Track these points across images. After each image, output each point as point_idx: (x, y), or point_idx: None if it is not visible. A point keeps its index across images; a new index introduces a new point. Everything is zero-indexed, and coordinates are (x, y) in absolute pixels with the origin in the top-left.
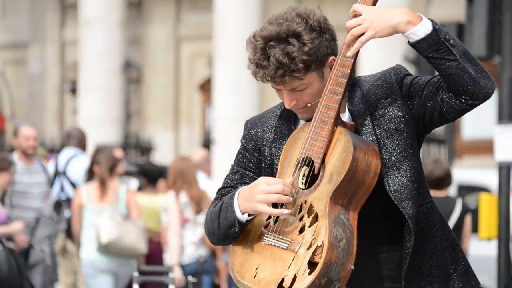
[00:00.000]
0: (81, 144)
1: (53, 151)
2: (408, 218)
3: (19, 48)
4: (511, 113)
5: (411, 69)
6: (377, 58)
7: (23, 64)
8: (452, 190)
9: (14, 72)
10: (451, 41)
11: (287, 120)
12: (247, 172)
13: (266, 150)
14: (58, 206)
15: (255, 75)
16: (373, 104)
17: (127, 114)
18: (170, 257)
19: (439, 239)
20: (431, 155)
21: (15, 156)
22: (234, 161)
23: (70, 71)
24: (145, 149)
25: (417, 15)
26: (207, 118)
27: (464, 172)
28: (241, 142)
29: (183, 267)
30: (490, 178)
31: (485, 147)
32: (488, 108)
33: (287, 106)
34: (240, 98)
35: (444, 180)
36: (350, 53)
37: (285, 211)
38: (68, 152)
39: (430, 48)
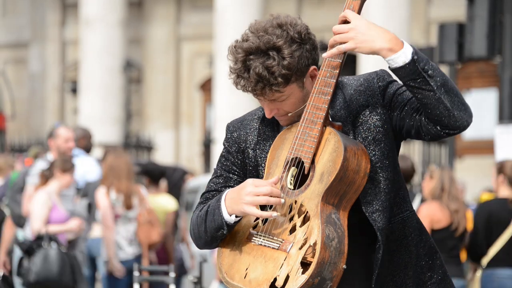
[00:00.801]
0: (83, 143)
1: None
2: (377, 230)
3: (19, 48)
4: (511, 113)
5: None
6: (379, 57)
7: (23, 64)
8: None
9: (15, 72)
10: (430, 72)
11: (270, 122)
12: (231, 175)
13: (250, 152)
14: (90, 207)
15: (236, 84)
16: (354, 111)
17: (127, 113)
18: (106, 251)
19: (414, 248)
20: (431, 156)
21: (51, 157)
22: (217, 165)
23: (71, 71)
24: (146, 148)
25: (400, 42)
26: (208, 118)
27: None
28: (224, 145)
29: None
30: None
31: (485, 147)
32: (489, 108)
33: (267, 116)
34: (240, 98)
35: (409, 175)
36: (326, 54)
37: (274, 213)
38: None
39: (407, 77)
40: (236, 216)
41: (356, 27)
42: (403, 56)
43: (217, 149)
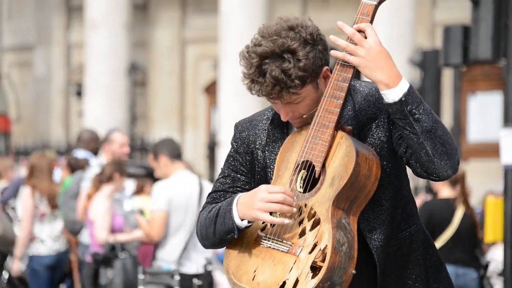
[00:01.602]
0: (92, 146)
1: (59, 154)
2: (372, 249)
3: (24, 51)
4: None
5: (416, 72)
6: None
7: (28, 67)
8: None
9: (20, 75)
10: (416, 116)
11: (279, 124)
12: (238, 175)
13: (259, 154)
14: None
15: (250, 89)
16: (361, 122)
17: (132, 116)
18: (16, 249)
19: (423, 261)
20: None
21: (104, 161)
22: (225, 165)
23: (76, 74)
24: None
25: (398, 80)
26: (212, 121)
27: None
28: (232, 145)
29: (40, 257)
30: None
31: (490, 150)
32: (494, 111)
33: (283, 119)
34: (245, 100)
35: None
36: (333, 53)
37: (286, 220)
38: (78, 154)
39: (394, 114)
40: (248, 221)
41: (369, 49)
42: (394, 94)
43: (222, 152)
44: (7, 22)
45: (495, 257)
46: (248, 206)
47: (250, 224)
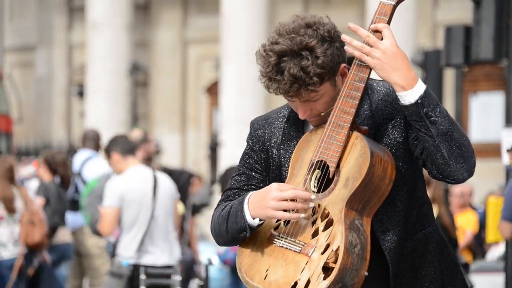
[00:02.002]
0: (97, 145)
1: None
2: (385, 250)
3: (26, 51)
4: None
5: (417, 72)
6: None
7: (30, 67)
8: None
9: (22, 75)
10: (432, 118)
11: (295, 122)
12: (253, 173)
13: (274, 152)
14: None
15: (267, 88)
16: (378, 122)
17: (134, 117)
18: None
19: (438, 263)
20: None
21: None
22: (240, 162)
23: (77, 74)
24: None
25: (415, 82)
26: (214, 121)
27: None
28: (247, 142)
29: (4, 261)
30: None
31: (492, 150)
32: (495, 111)
33: (301, 117)
34: (247, 100)
35: None
36: (348, 49)
37: (301, 214)
38: (84, 154)
39: (410, 117)
40: (260, 220)
41: (385, 51)
42: (410, 96)
43: (224, 152)
44: (9, 22)
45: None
46: (261, 205)
47: (262, 222)
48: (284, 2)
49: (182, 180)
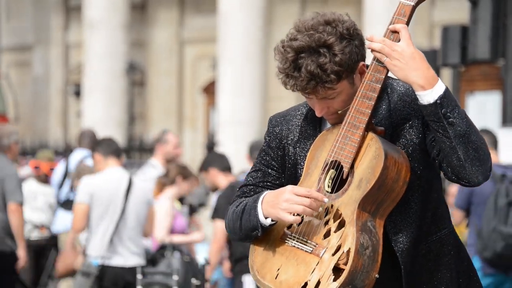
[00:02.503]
0: (91, 145)
1: (57, 154)
2: (397, 251)
3: (23, 51)
4: None
5: None
6: None
7: (27, 67)
8: None
9: (18, 75)
10: (451, 119)
11: (313, 120)
12: (269, 170)
13: (291, 150)
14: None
15: (285, 84)
16: (395, 123)
17: (130, 116)
18: None
19: (454, 265)
20: None
21: (156, 162)
22: (257, 159)
23: (74, 74)
24: (149, 151)
25: (434, 82)
26: (211, 121)
27: None
28: (265, 139)
29: None
30: None
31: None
32: (492, 111)
33: (318, 114)
34: (243, 101)
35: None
36: (370, 45)
37: (307, 218)
38: (79, 153)
39: (428, 117)
40: (272, 220)
41: (403, 52)
42: (429, 96)
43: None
44: (6, 22)
45: None
46: (273, 205)
47: (274, 222)
48: (281, 2)
49: None
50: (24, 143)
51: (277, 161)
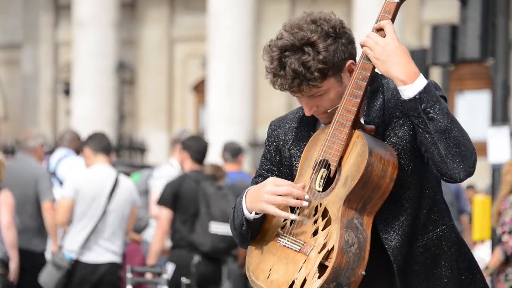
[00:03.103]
0: (73, 145)
1: (46, 153)
2: (388, 249)
3: (12, 49)
4: (504, 115)
5: None
6: None
7: (16, 65)
8: None
9: (7, 73)
10: (431, 114)
11: (308, 122)
12: (269, 174)
13: (286, 152)
14: None
15: (273, 84)
16: (387, 121)
17: (120, 115)
18: None
19: (455, 262)
20: None
21: (175, 161)
22: (259, 164)
23: (63, 72)
24: (139, 150)
25: (415, 77)
26: (201, 119)
27: None
28: (265, 144)
29: None
30: None
31: (477, 149)
32: (481, 110)
33: (307, 113)
34: (233, 99)
35: (204, 155)
36: (361, 41)
37: (292, 216)
38: (60, 153)
39: (409, 111)
40: (256, 214)
41: (385, 45)
42: (409, 91)
43: (210, 151)
44: None
45: (481, 255)
46: (256, 198)
47: (259, 216)
48: (271, 1)
49: None
50: (13, 142)
51: (276, 164)
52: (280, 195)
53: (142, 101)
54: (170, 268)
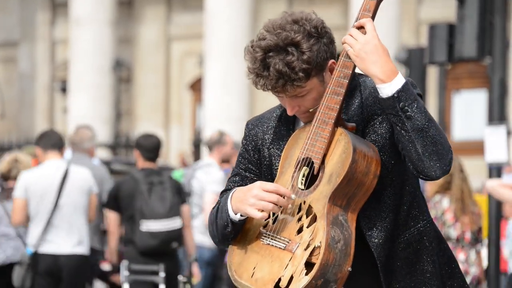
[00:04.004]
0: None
1: None
2: (372, 247)
3: (9, 47)
4: (501, 114)
5: (401, 70)
6: None
7: (13, 63)
8: None
9: (4, 71)
10: (408, 113)
11: (286, 121)
12: (247, 174)
13: (265, 151)
14: None
15: (255, 84)
16: (366, 118)
17: (117, 113)
18: None
19: (436, 257)
20: None
21: (213, 161)
22: (236, 163)
23: (60, 70)
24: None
25: (394, 75)
26: (198, 117)
27: None
28: (242, 143)
29: None
30: None
31: (474, 148)
32: (478, 109)
33: (289, 113)
34: (230, 97)
35: (156, 153)
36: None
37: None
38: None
39: (387, 110)
40: (241, 215)
41: (365, 43)
42: (388, 89)
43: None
44: None
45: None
46: (241, 200)
47: (244, 218)
48: None
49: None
50: (10, 139)
51: (254, 163)
52: (265, 201)
53: (139, 99)
54: (123, 265)
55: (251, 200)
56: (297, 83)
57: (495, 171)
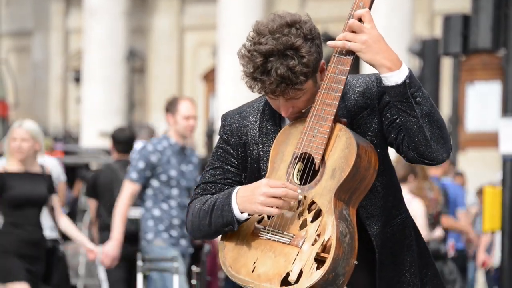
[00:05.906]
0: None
1: (57, 140)
2: (371, 236)
3: (22, 36)
4: None
5: (415, 61)
6: None
7: (26, 52)
8: None
9: (18, 60)
10: (418, 99)
11: (272, 116)
12: (228, 167)
13: (253, 146)
14: None
15: (251, 88)
16: (352, 112)
17: (130, 103)
18: None
19: (415, 247)
20: None
21: None
22: (213, 156)
23: (74, 60)
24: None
25: (400, 63)
26: (211, 108)
27: None
28: (221, 136)
29: None
30: None
31: (488, 140)
32: (493, 101)
33: (284, 115)
34: (243, 88)
35: (130, 146)
36: (331, 43)
37: (286, 212)
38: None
39: (395, 97)
40: (249, 214)
41: (370, 33)
42: (397, 77)
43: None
44: (5, 7)
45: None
46: (249, 199)
47: (249, 217)
48: None
49: None
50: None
51: (237, 158)
52: (275, 198)
53: (152, 89)
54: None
55: (261, 198)
56: (298, 87)
57: (509, 162)
